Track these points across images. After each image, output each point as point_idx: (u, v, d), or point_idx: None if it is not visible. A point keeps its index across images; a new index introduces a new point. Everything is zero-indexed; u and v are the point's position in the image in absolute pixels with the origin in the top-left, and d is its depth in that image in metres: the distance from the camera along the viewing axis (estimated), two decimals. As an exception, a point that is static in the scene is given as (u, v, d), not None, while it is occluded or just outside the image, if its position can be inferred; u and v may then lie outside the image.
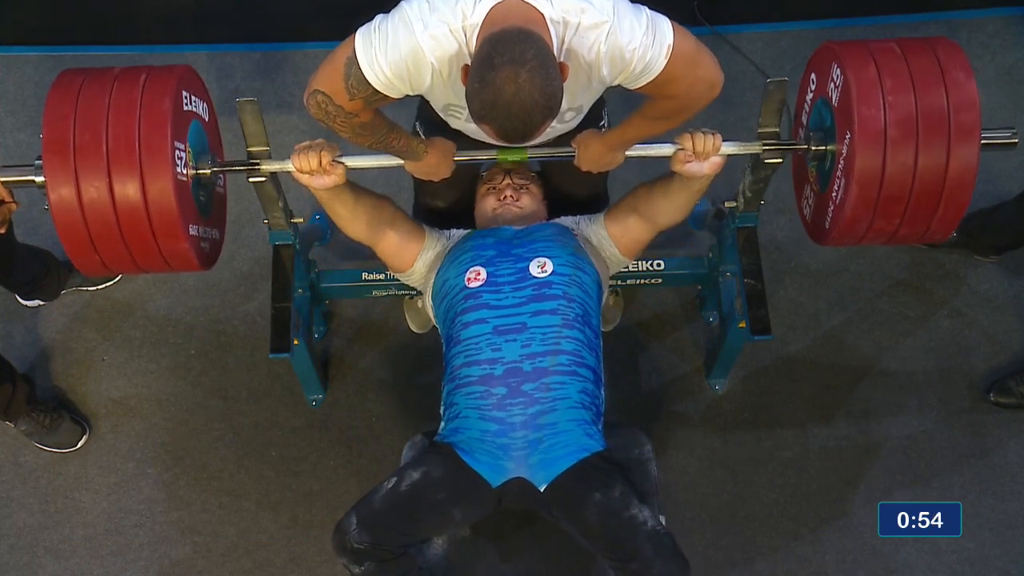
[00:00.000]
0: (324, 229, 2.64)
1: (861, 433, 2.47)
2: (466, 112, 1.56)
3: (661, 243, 2.72)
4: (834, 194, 1.73)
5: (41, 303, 2.54)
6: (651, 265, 2.39)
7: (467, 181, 2.13)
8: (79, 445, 2.41)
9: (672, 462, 2.42)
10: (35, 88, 2.89)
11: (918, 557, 2.33)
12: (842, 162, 1.70)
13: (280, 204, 2.08)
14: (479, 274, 1.93)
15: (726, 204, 2.21)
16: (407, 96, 1.62)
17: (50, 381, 2.51)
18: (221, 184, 1.90)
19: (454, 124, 1.90)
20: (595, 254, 2.03)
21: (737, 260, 2.23)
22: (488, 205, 2.11)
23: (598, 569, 1.92)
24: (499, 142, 1.55)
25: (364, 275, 2.38)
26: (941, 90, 1.64)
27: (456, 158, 1.90)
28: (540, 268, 1.92)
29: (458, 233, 2.09)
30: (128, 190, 1.59)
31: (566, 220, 2.10)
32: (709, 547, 2.32)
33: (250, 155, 1.95)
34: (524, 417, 1.81)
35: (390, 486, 1.83)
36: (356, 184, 1.93)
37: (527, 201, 2.10)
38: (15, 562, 2.33)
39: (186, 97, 1.74)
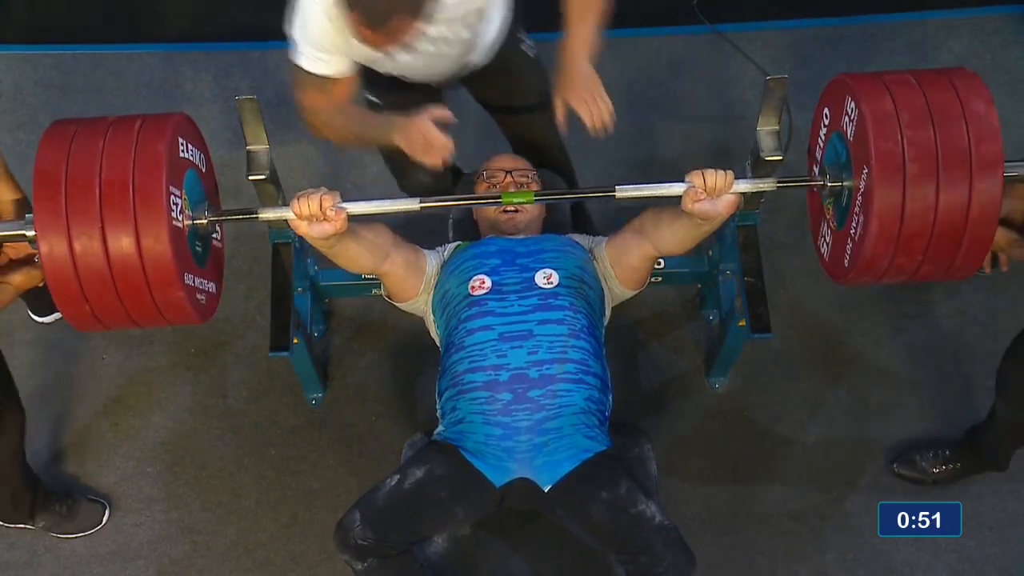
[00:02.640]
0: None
1: (861, 432, 2.46)
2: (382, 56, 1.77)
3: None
4: (852, 231, 1.66)
5: (59, 316, 2.51)
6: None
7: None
8: (104, 523, 2.34)
9: (672, 461, 2.42)
10: (34, 87, 2.89)
11: (918, 556, 2.33)
12: (860, 197, 1.64)
13: (280, 203, 2.07)
14: (484, 282, 1.92)
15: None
16: (359, 65, 1.85)
17: (51, 381, 2.51)
18: (218, 237, 1.83)
19: (383, 69, 1.98)
20: (602, 275, 2.01)
21: (737, 258, 2.23)
22: (490, 207, 2.10)
23: (600, 564, 1.92)
24: (370, 38, 1.66)
25: (364, 274, 2.37)
26: (961, 121, 1.57)
27: (460, 202, 1.91)
28: (546, 279, 1.92)
29: (451, 245, 2.08)
30: (122, 241, 1.50)
31: (576, 236, 2.09)
32: (709, 546, 2.32)
33: (249, 153, 1.95)
34: (530, 423, 1.81)
35: (393, 483, 1.83)
36: (353, 225, 1.80)
37: None
38: (15, 561, 2.33)
39: (182, 144, 1.67)
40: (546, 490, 1.82)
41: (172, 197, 1.57)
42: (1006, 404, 2.12)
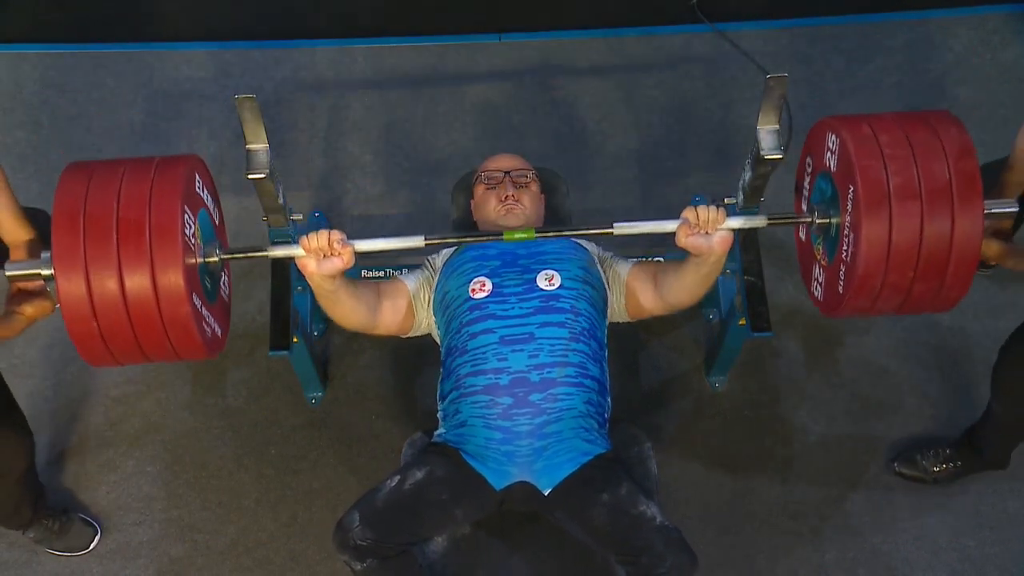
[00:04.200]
0: (324, 227, 2.63)
1: (861, 432, 2.46)
2: None
3: (661, 241, 2.73)
4: (844, 255, 1.69)
5: None
6: (651, 262, 2.38)
7: None
8: (91, 547, 2.33)
9: (672, 460, 2.42)
10: (33, 86, 2.89)
11: (918, 556, 2.33)
12: (847, 220, 1.67)
13: (280, 201, 2.07)
14: (484, 285, 1.91)
15: (726, 200, 2.21)
16: None
17: (50, 380, 2.51)
18: (226, 283, 1.87)
19: None
20: (605, 283, 2.01)
21: (737, 257, 2.23)
22: (489, 206, 2.10)
23: (600, 565, 1.92)
24: None
25: (363, 272, 2.37)
26: (940, 151, 1.61)
27: (463, 238, 1.90)
28: (548, 281, 1.91)
29: (447, 251, 2.07)
30: (138, 280, 1.54)
31: (583, 242, 2.08)
32: (709, 545, 2.32)
33: (248, 152, 1.94)
34: (530, 427, 1.81)
35: (393, 484, 1.83)
36: (348, 279, 1.83)
37: (528, 200, 2.09)
38: (14, 560, 2.33)
39: (197, 183, 1.73)
40: (546, 494, 1.83)
41: (186, 236, 1.61)
42: (1001, 403, 2.13)
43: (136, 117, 2.85)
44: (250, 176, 1.94)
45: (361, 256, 1.76)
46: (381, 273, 2.34)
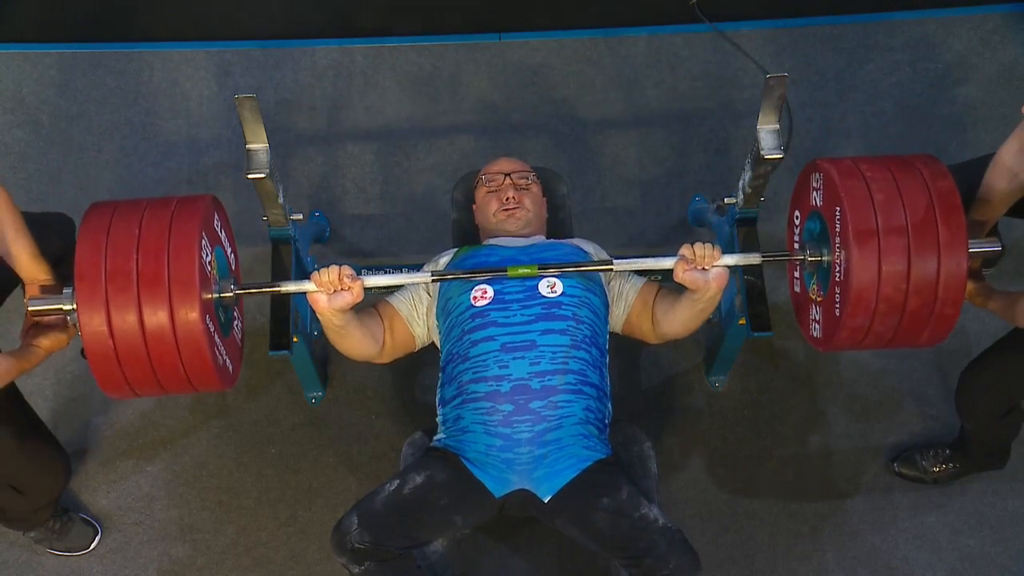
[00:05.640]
0: (324, 227, 2.63)
1: (861, 431, 2.46)
2: None
3: (661, 240, 2.74)
4: (836, 275, 1.74)
5: None
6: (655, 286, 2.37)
7: None
8: (91, 547, 2.34)
9: (672, 460, 2.42)
10: (33, 86, 2.89)
11: (918, 555, 2.33)
12: (837, 240, 1.72)
13: (280, 201, 2.07)
14: (486, 292, 1.91)
15: (726, 200, 2.21)
16: None
17: (50, 381, 2.51)
18: (239, 326, 1.91)
19: None
20: (607, 292, 2.00)
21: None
22: (490, 209, 2.10)
23: (601, 566, 1.92)
24: None
25: (362, 271, 2.37)
26: (920, 179, 1.69)
27: (468, 275, 1.90)
28: (550, 288, 1.90)
29: (451, 251, 2.07)
30: (157, 316, 1.61)
31: (582, 243, 2.08)
32: (709, 544, 2.32)
33: (248, 152, 1.94)
34: (531, 434, 1.81)
35: (392, 488, 1.83)
36: (355, 314, 1.88)
37: (529, 203, 2.09)
38: (14, 559, 2.33)
39: (216, 220, 1.80)
40: (546, 501, 1.82)
41: (204, 268, 1.68)
42: (970, 424, 2.20)
43: (136, 117, 2.85)
44: (250, 176, 1.95)
45: (362, 256, 1.77)
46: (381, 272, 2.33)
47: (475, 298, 1.90)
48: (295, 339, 2.18)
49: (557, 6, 3.08)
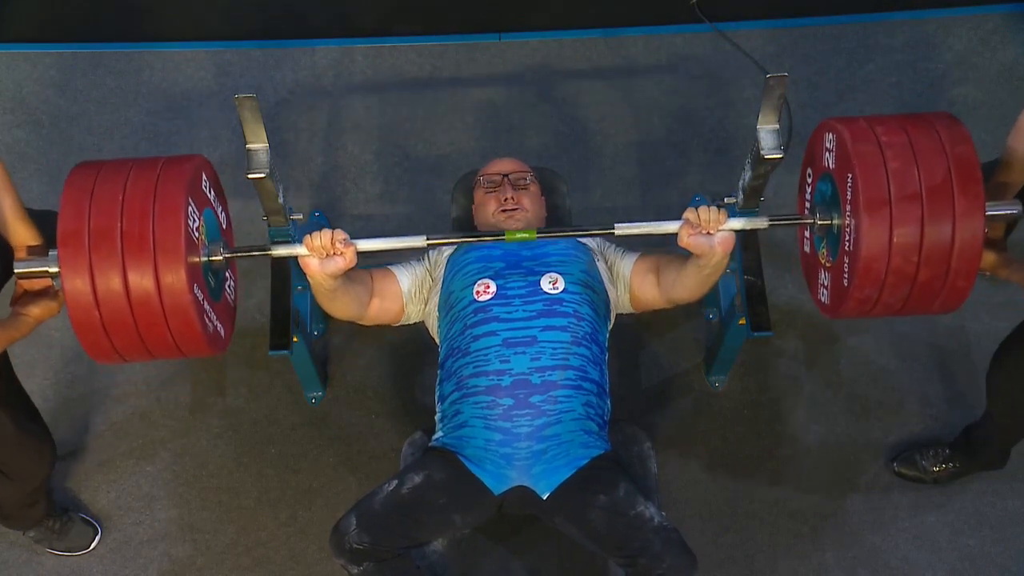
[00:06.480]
0: (324, 227, 2.62)
1: (861, 431, 2.46)
2: None
3: (661, 241, 2.73)
4: (846, 244, 1.68)
5: None
6: (655, 255, 2.37)
7: None
8: (91, 547, 2.33)
9: (672, 459, 2.42)
10: (33, 86, 2.89)
11: (918, 555, 2.33)
12: (848, 207, 1.67)
13: (280, 201, 2.07)
14: (488, 287, 1.92)
15: (726, 200, 2.21)
16: None
17: (50, 380, 2.51)
18: (232, 287, 1.89)
19: None
20: (608, 280, 2.01)
21: (737, 257, 2.23)
22: (489, 209, 2.10)
23: (600, 566, 1.92)
24: None
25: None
26: (937, 139, 1.61)
27: (465, 239, 1.92)
28: (552, 284, 1.91)
29: (448, 249, 2.07)
30: (142, 277, 1.57)
31: (585, 241, 2.07)
32: (709, 544, 2.32)
33: (248, 152, 1.94)
34: (530, 429, 1.81)
35: (391, 488, 1.83)
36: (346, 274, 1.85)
37: (528, 202, 2.10)
38: (14, 559, 2.33)
39: (204, 182, 1.76)
40: (544, 498, 1.83)
41: (190, 233, 1.63)
42: (997, 408, 2.14)
43: (136, 117, 2.85)
44: (250, 176, 1.95)
45: (362, 256, 1.77)
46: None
47: (478, 293, 1.91)
48: (295, 339, 2.18)
49: (557, 6, 3.08)
